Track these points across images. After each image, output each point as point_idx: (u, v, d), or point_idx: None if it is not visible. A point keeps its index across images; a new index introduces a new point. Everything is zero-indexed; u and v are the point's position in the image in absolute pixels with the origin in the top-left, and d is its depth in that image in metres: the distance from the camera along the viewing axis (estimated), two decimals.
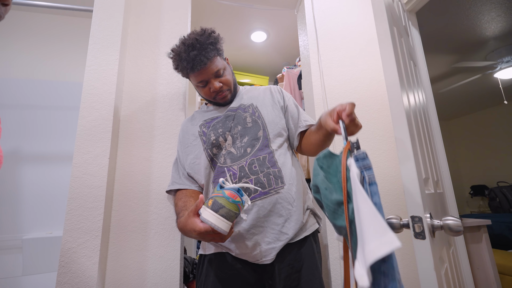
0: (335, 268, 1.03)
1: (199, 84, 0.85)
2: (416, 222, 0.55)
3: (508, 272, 2.00)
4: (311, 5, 1.34)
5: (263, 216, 0.74)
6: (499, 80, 3.02)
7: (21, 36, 1.71)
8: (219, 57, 0.85)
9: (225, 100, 0.89)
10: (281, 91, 0.96)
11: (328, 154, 0.56)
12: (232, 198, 0.59)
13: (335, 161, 0.55)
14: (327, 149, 0.58)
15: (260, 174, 0.76)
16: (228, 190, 0.60)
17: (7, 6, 0.50)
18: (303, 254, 0.76)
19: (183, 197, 0.82)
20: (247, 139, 0.81)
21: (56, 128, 1.63)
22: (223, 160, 0.80)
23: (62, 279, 0.81)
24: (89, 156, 0.92)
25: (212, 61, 0.82)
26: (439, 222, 0.56)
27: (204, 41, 0.80)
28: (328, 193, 0.52)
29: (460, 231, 0.54)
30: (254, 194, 0.74)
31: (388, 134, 1.24)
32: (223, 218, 0.58)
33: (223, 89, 0.86)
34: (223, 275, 0.75)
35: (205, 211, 0.60)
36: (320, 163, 0.56)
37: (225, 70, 0.88)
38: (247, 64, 2.81)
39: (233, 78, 0.92)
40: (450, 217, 0.56)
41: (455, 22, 2.19)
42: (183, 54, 0.80)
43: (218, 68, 0.83)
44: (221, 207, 0.58)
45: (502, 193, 3.56)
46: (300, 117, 0.90)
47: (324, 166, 0.56)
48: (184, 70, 0.82)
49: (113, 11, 1.07)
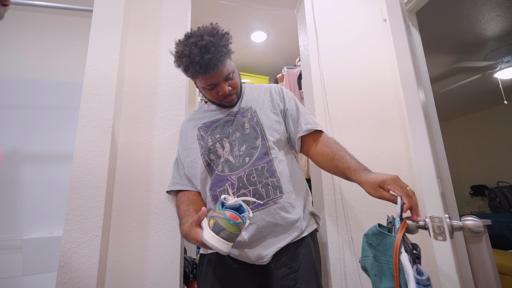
0: (334, 267, 1.03)
1: (207, 87, 0.80)
2: (435, 222, 0.54)
3: (508, 272, 2.00)
4: (311, 5, 1.34)
5: (262, 226, 0.74)
6: (499, 80, 3.02)
7: (21, 36, 1.70)
8: (229, 59, 0.81)
9: (232, 103, 0.87)
10: (282, 92, 0.93)
11: (378, 232, 0.55)
12: (233, 220, 0.59)
13: (386, 241, 0.53)
14: (376, 227, 0.56)
15: (258, 185, 0.75)
16: (229, 211, 0.60)
17: (6, 6, 0.50)
18: (300, 254, 0.76)
19: (185, 200, 0.82)
20: (245, 147, 0.80)
21: (56, 128, 1.63)
22: (221, 169, 0.79)
23: (62, 279, 0.81)
24: (89, 156, 0.91)
25: (224, 65, 0.77)
26: (458, 223, 0.54)
27: (218, 43, 0.74)
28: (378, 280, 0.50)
29: (481, 232, 0.52)
30: (252, 206, 0.74)
31: (388, 134, 1.24)
32: (224, 240, 0.58)
33: (232, 92, 0.83)
34: (222, 274, 0.76)
35: (207, 231, 0.60)
36: (369, 240, 0.54)
37: (234, 73, 0.84)
38: (247, 64, 2.81)
39: (240, 80, 0.90)
40: (469, 217, 0.54)
41: (455, 22, 2.19)
42: (197, 57, 0.72)
43: (229, 71, 0.80)
44: (222, 230, 0.58)
45: (502, 193, 3.56)
46: (300, 121, 0.87)
47: (373, 243, 0.54)
48: (195, 74, 0.76)
49: (113, 11, 1.07)
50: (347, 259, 1.05)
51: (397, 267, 0.47)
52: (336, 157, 0.77)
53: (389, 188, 0.59)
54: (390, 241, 0.52)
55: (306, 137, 0.87)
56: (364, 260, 0.54)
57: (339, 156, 0.77)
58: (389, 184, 0.59)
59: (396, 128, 1.26)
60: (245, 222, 0.61)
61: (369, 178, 0.64)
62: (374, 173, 0.66)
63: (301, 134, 0.85)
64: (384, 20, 1.40)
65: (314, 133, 0.87)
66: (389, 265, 0.50)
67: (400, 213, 0.54)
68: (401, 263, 0.47)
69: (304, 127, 0.86)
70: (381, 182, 0.61)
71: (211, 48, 0.73)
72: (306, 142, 0.87)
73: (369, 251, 0.53)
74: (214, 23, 0.79)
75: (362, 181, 0.66)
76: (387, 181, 0.60)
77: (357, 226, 1.09)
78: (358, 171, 0.69)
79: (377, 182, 0.62)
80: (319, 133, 0.87)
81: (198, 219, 0.64)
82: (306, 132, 0.85)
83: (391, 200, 0.59)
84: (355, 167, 0.71)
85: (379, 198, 0.61)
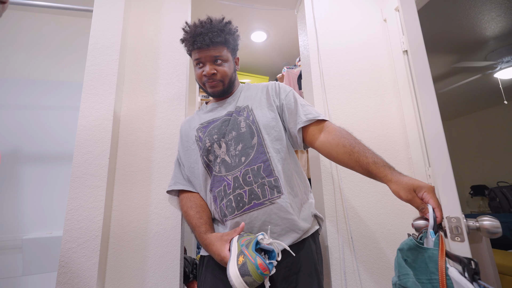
0: (335, 268, 1.03)
1: (195, 63, 0.86)
2: (453, 223, 0.52)
3: (508, 272, 2.00)
4: (311, 5, 1.34)
5: (258, 226, 0.73)
6: (499, 80, 3.02)
7: (21, 36, 1.70)
8: (226, 49, 0.84)
9: (214, 90, 0.87)
10: (278, 88, 0.90)
11: (414, 246, 0.50)
12: (262, 270, 0.58)
13: (422, 256, 0.48)
14: (413, 241, 0.51)
15: (254, 185, 0.74)
16: (260, 259, 0.59)
17: (5, 4, 0.50)
18: (301, 256, 0.75)
19: (193, 207, 0.82)
20: (241, 147, 0.79)
21: (56, 128, 1.63)
22: (218, 169, 0.79)
23: (62, 279, 0.81)
24: (89, 156, 0.92)
25: (216, 47, 0.82)
26: (475, 223, 0.52)
27: (216, 25, 0.82)
28: None
29: (498, 233, 0.49)
30: (248, 206, 0.73)
31: (388, 133, 1.24)
32: (245, 285, 0.58)
33: (215, 78, 0.84)
34: (221, 276, 0.74)
35: (233, 267, 0.60)
36: (404, 256, 0.49)
37: (226, 62, 0.85)
38: (247, 64, 2.81)
39: (232, 75, 0.89)
40: (486, 217, 0.52)
41: (455, 22, 2.19)
42: (192, 28, 0.83)
43: (219, 55, 0.83)
44: (247, 274, 0.58)
45: (502, 193, 3.55)
46: (299, 112, 0.82)
47: (409, 259, 0.49)
48: (186, 44, 0.85)
49: (113, 11, 1.07)
50: (347, 259, 1.05)
51: (443, 284, 0.43)
52: (356, 150, 0.70)
53: (425, 196, 0.56)
54: (429, 255, 0.47)
55: (309, 128, 0.81)
56: (405, 279, 0.47)
57: (360, 149, 0.70)
58: (426, 192, 0.56)
59: (396, 128, 1.26)
60: (271, 272, 0.60)
61: (403, 179, 0.60)
62: (408, 176, 0.62)
63: (301, 125, 0.80)
64: (384, 20, 1.40)
65: (318, 123, 0.81)
66: (434, 284, 0.45)
67: (434, 225, 0.51)
68: (449, 278, 0.42)
69: (304, 117, 0.80)
70: (418, 187, 0.58)
71: (206, 25, 0.81)
72: (310, 133, 0.81)
73: (407, 268, 0.47)
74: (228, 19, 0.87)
75: (394, 180, 0.62)
76: (425, 188, 0.57)
77: (357, 226, 1.09)
78: (389, 168, 0.65)
79: (413, 186, 0.58)
80: (323, 123, 0.81)
81: (230, 235, 0.67)
82: (307, 122, 0.80)
83: (419, 208, 0.57)
84: (383, 163, 0.66)
85: (407, 202, 0.59)
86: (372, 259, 1.07)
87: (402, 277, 0.47)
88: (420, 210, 0.57)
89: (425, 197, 0.56)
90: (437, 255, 0.46)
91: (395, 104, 1.30)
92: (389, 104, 1.29)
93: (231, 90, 0.92)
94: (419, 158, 1.16)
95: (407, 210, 1.14)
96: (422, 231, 0.54)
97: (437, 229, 0.51)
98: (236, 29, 0.87)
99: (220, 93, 0.89)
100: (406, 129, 1.25)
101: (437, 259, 0.46)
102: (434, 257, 0.46)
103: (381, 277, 1.05)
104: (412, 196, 0.58)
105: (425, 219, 0.55)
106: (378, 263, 1.07)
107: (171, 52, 1.17)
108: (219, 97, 0.91)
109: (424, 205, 0.56)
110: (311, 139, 0.81)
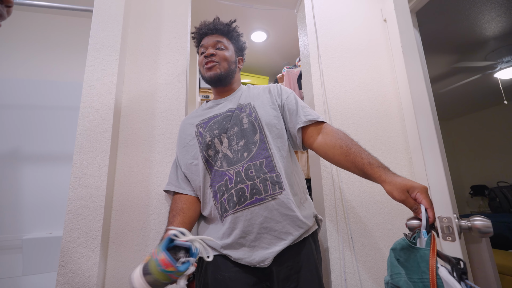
0: (335, 268, 1.03)
1: (200, 50, 0.95)
2: (444, 223, 0.52)
3: (508, 272, 2.00)
4: (311, 5, 1.34)
5: (259, 222, 0.72)
6: (499, 80, 3.02)
7: (21, 36, 1.70)
8: (228, 40, 0.94)
9: (211, 73, 0.88)
10: (280, 89, 0.92)
11: (406, 246, 0.50)
12: (163, 267, 0.51)
13: (414, 255, 0.49)
14: (405, 241, 0.52)
15: (256, 180, 0.74)
16: (164, 254, 0.52)
17: (10, 7, 0.50)
18: (301, 255, 0.76)
19: (174, 209, 0.83)
20: (243, 142, 0.79)
21: (56, 128, 1.63)
22: (220, 164, 0.79)
23: (62, 279, 0.81)
24: (89, 156, 0.92)
25: (219, 36, 0.92)
26: (466, 223, 0.52)
27: (223, 22, 0.94)
28: None
29: (489, 232, 0.49)
30: (250, 200, 0.73)
31: (388, 133, 1.24)
32: (148, 284, 0.52)
33: (214, 59, 0.89)
34: (221, 277, 0.74)
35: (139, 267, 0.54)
36: (396, 256, 0.50)
37: (227, 50, 0.92)
38: (247, 64, 2.81)
39: (232, 64, 0.93)
40: (478, 217, 0.52)
41: (455, 22, 2.19)
42: (202, 23, 0.95)
43: (220, 42, 0.92)
44: (148, 273, 0.53)
45: (502, 193, 3.56)
46: (299, 113, 0.84)
47: (401, 259, 0.49)
48: (195, 35, 0.97)
49: (113, 11, 1.07)
50: (347, 259, 1.05)
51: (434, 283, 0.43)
52: (352, 151, 0.72)
53: (418, 196, 0.57)
54: (420, 255, 0.48)
55: (308, 129, 0.82)
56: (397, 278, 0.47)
57: (356, 150, 0.72)
58: (419, 193, 0.57)
59: (396, 128, 1.26)
60: (182, 272, 0.53)
61: (397, 180, 0.61)
62: (402, 177, 0.63)
63: (301, 125, 0.81)
64: (384, 20, 1.40)
65: (317, 124, 0.82)
66: (425, 283, 0.45)
67: (426, 225, 0.51)
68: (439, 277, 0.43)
69: (304, 118, 0.82)
70: (411, 187, 0.58)
71: (216, 20, 0.94)
72: (309, 134, 0.82)
73: (399, 267, 0.48)
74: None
75: (388, 180, 0.63)
76: (418, 189, 0.58)
77: (357, 226, 1.09)
78: (383, 169, 0.66)
79: (406, 186, 0.59)
80: (322, 124, 0.82)
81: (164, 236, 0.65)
82: (307, 123, 0.81)
83: (413, 209, 0.58)
84: (378, 164, 0.67)
85: (401, 202, 0.59)
86: (372, 259, 1.07)
87: (395, 276, 0.48)
88: (414, 210, 0.58)
89: (418, 198, 0.57)
90: (428, 254, 0.47)
91: (395, 104, 1.30)
92: (389, 104, 1.29)
93: (228, 81, 0.93)
94: (419, 158, 1.16)
95: (407, 210, 1.12)
96: (416, 231, 0.55)
97: (430, 229, 0.52)
98: (242, 34, 1.00)
99: (217, 78, 0.89)
100: (406, 129, 1.25)
101: (429, 259, 0.46)
102: (426, 257, 0.47)
103: (381, 277, 1.05)
104: (406, 197, 0.59)
105: (418, 219, 0.56)
106: (378, 263, 1.07)
107: (171, 52, 1.17)
108: (216, 85, 0.93)
109: (417, 205, 0.57)
110: (310, 140, 0.82)
